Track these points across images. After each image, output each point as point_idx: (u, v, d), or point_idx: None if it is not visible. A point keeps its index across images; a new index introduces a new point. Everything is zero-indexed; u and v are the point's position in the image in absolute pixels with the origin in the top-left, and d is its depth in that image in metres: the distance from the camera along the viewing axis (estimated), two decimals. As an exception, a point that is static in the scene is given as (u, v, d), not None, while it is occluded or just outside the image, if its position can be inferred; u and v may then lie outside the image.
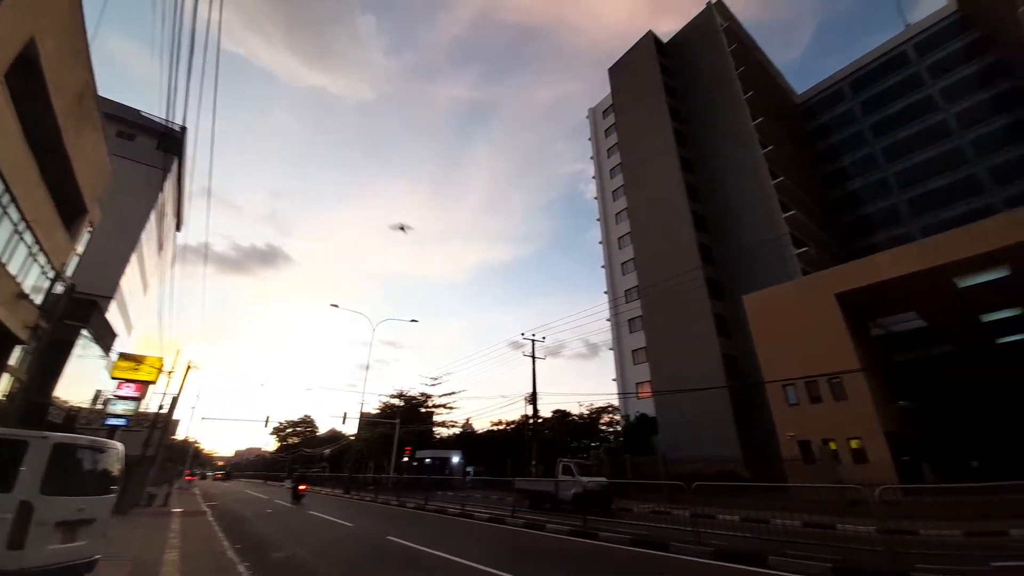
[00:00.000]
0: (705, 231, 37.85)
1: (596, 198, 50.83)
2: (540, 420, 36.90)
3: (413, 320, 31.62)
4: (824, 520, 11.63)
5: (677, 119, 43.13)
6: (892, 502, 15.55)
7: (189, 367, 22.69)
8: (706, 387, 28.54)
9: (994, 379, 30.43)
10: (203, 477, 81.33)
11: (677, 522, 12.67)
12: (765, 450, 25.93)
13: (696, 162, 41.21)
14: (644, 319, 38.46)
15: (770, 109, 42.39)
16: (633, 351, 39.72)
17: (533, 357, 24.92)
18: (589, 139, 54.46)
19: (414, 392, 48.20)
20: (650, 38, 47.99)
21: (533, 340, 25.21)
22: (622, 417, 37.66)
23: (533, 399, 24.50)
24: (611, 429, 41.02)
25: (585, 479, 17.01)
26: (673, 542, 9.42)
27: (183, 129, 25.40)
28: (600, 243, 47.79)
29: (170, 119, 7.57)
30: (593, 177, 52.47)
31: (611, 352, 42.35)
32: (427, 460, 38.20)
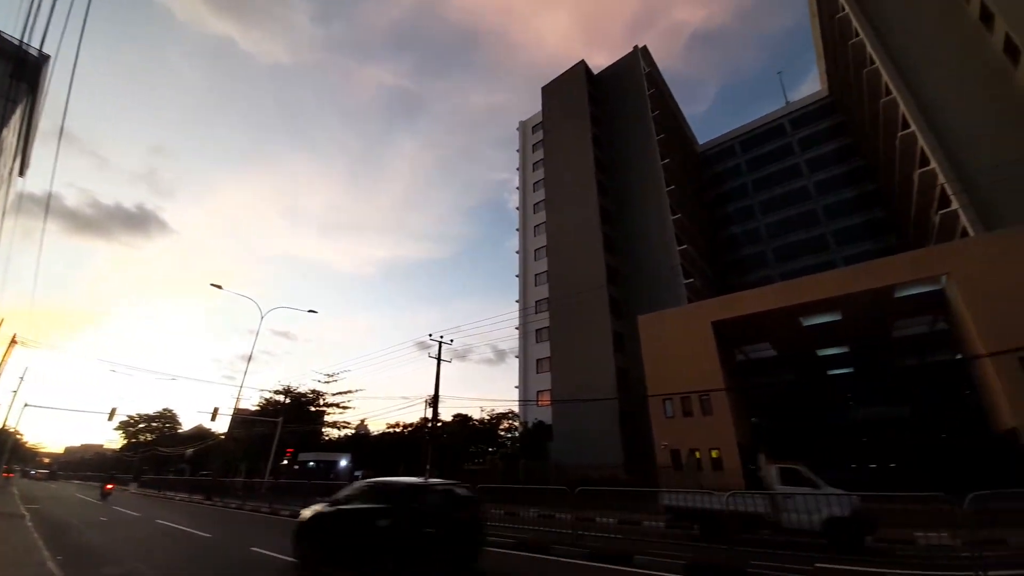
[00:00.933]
0: (613, 253, 40.83)
1: (518, 208, 52.06)
2: (440, 424, 36.40)
3: (311, 311, 29.20)
4: (685, 521, 13.04)
5: (598, 146, 46.16)
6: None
7: (14, 341, 18.37)
8: (599, 398, 30.57)
9: (822, 402, 36.90)
10: (25, 475, 67.33)
11: (561, 525, 13.25)
12: (644, 457, 28.43)
13: (611, 188, 44.43)
14: (551, 330, 40.09)
15: (676, 152, 47.39)
16: (538, 360, 41.11)
17: (439, 359, 24.53)
18: (517, 151, 55.80)
19: (304, 389, 44.53)
20: (582, 67, 50.86)
21: (440, 342, 24.84)
22: (521, 424, 38.64)
23: (434, 402, 24.06)
24: (509, 435, 41.85)
25: (840, 494, 10.09)
26: (555, 545, 9.81)
27: (43, 56, 20.87)
28: (517, 253, 48.95)
29: (27, 43, 6.16)
30: (517, 188, 53.73)
31: (517, 360, 43.39)
32: (310, 463, 35.49)
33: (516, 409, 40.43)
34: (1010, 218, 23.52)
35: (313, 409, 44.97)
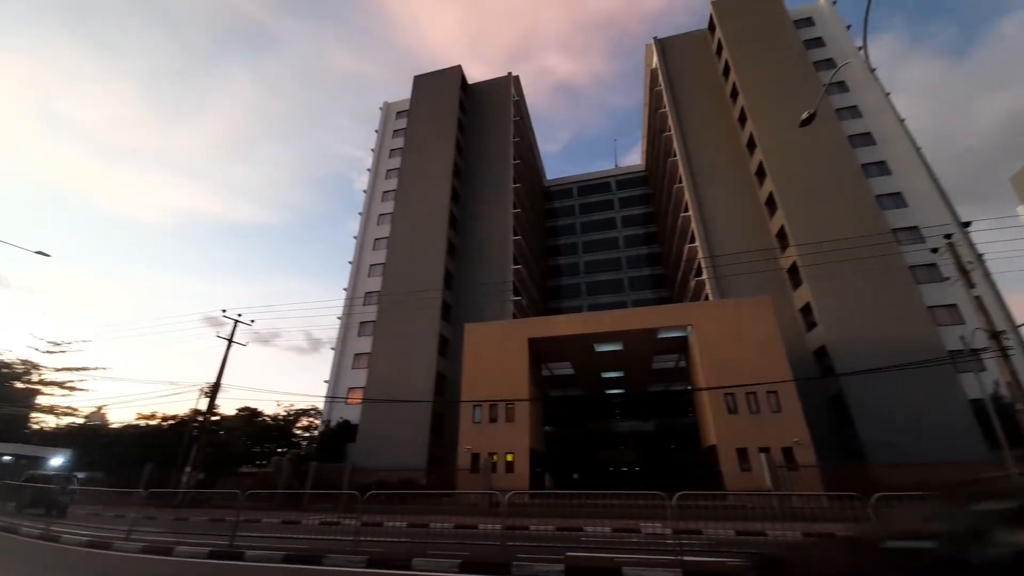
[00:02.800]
0: (453, 258, 41.60)
1: (365, 191, 48.70)
2: (218, 417, 30.61)
3: (41, 253, 21.06)
4: (471, 521, 13.72)
5: (459, 151, 46.93)
6: (521, 504, 20.09)
7: None
8: (416, 399, 30.31)
9: (600, 415, 44.02)
10: None
11: (345, 532, 12.42)
12: (447, 461, 29.19)
13: (463, 195, 45.48)
14: (376, 325, 38.22)
15: (526, 180, 51.55)
16: (356, 355, 38.57)
17: (229, 340, 20.68)
18: (376, 131, 52.47)
19: (8, 357, 32.12)
20: (459, 72, 51.31)
21: (236, 320, 21.04)
22: (323, 422, 35.40)
23: (214, 390, 20.07)
24: (307, 435, 37.83)
25: None
26: (332, 553, 9.08)
27: None
28: (355, 238, 45.55)
29: None
30: (368, 170, 50.33)
31: (332, 351, 39.89)
32: (4, 458, 25.85)
33: (321, 406, 36.95)
34: (734, 293, 32.58)
35: (21, 386, 32.77)
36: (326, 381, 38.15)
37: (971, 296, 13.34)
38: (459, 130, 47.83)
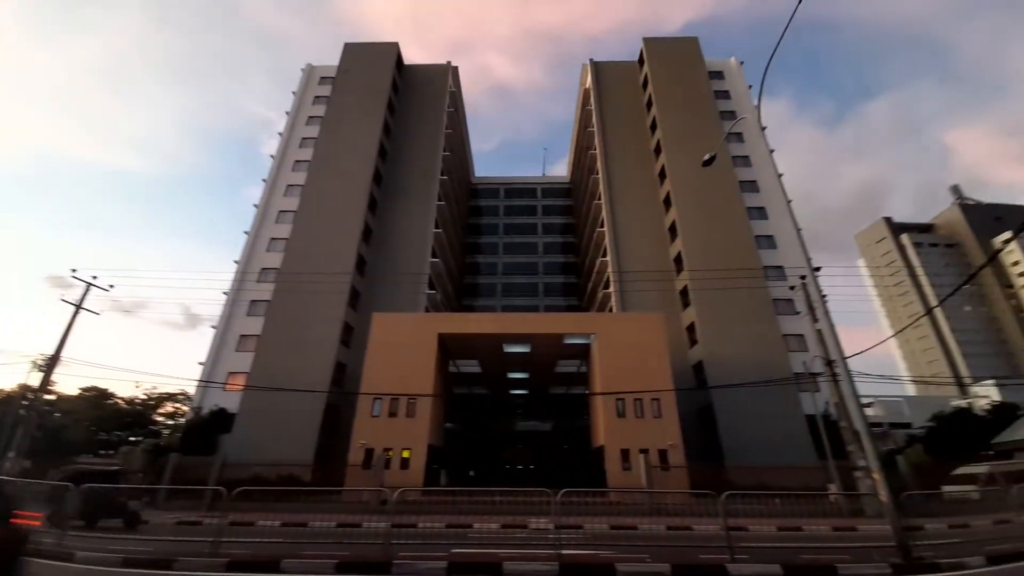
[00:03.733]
0: (367, 243, 39.52)
1: (273, 157, 44.18)
2: (54, 396, 25.57)
3: None
4: (356, 520, 13.08)
5: (386, 132, 44.81)
6: (413, 501, 19.66)
7: None
8: (309, 389, 28.07)
9: (501, 416, 44.77)
10: None
11: (206, 533, 11.08)
12: (338, 456, 27.57)
13: (385, 179, 43.45)
14: (271, 305, 34.83)
15: (454, 173, 50.93)
16: (242, 336, 34.70)
17: (78, 306, 17.33)
18: (294, 92, 47.88)
19: None
20: (395, 50, 49.02)
21: (89, 283, 17.72)
22: (192, 409, 31.29)
23: (51, 363, 16.63)
24: (173, 422, 33.14)
25: None
26: (186, 556, 8.03)
27: None
28: (256, 207, 41.06)
29: None
30: (280, 134, 45.75)
31: (213, 330, 35.43)
32: None
33: (193, 391, 32.62)
34: (635, 307, 35.36)
35: None
36: (201, 363, 33.80)
37: (814, 328, 16.06)
38: (389, 110, 45.70)
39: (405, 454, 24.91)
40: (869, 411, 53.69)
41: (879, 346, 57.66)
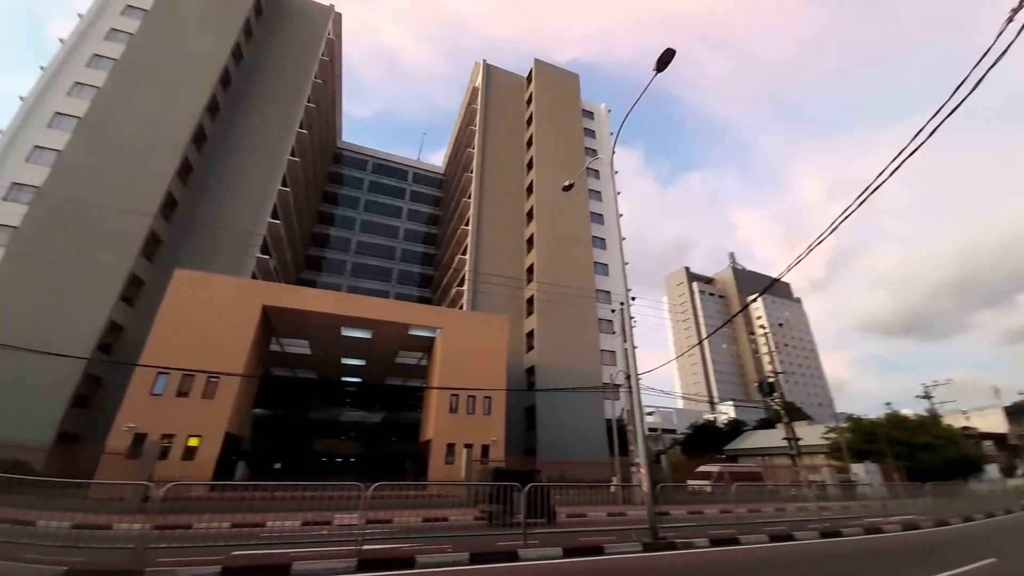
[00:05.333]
0: (185, 183, 32.38)
1: (62, 41, 32.85)
2: None
3: None
4: (105, 520, 10.37)
5: (236, 58, 37.70)
6: (194, 498, 16.50)
7: None
8: (59, 353, 21.25)
9: (326, 404, 41.32)
10: None
11: None
12: (92, 440, 21.62)
13: (223, 114, 36.28)
14: (17, 233, 25.65)
15: (318, 129, 45.53)
16: (-45, 269, 24.68)
17: None
18: (107, -30, 36.49)
19: None
20: (266, -32, 41.59)
21: None
22: None
23: None
24: None
25: None
26: None
27: None
28: (22, 99, 29.94)
29: None
30: (80, 16, 34.35)
31: (-103, 253, 24.31)
32: None
33: None
34: (484, 308, 36.63)
35: None
36: None
37: (623, 347, 19.03)
38: (245, 33, 38.53)
39: (193, 442, 20.89)
40: (650, 419, 66.03)
41: (664, 366, 71.46)
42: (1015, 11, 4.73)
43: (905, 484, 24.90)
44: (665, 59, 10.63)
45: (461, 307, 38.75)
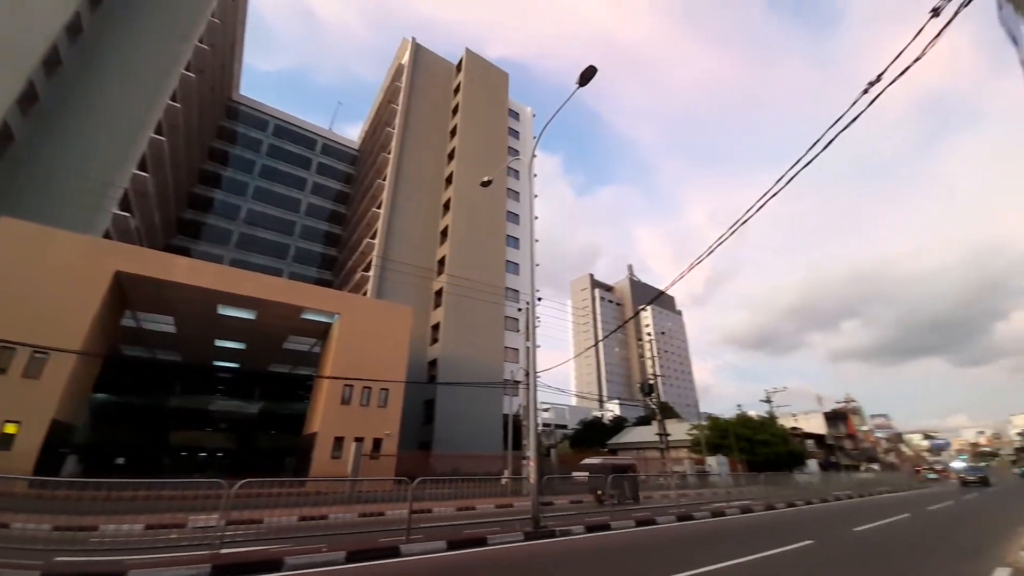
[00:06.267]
0: (25, 114, 25.95)
1: None
2: None
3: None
4: None
5: (107, -24, 31.19)
6: (9, 494, 13.35)
7: None
8: None
9: (191, 391, 36.28)
10: None
11: None
12: None
13: (89, 33, 29.81)
14: None
15: (210, 76, 39.74)
16: None
17: None
18: None
19: None
20: None
21: None
22: None
23: None
24: None
25: None
26: None
27: None
28: None
29: None
30: None
31: None
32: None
33: None
34: (389, 296, 35.13)
35: None
36: None
37: (525, 345, 19.63)
38: (122, -53, 32.09)
39: (10, 429, 16.94)
40: (545, 415, 69.33)
41: (561, 366, 75.62)
42: (871, 84, 5.76)
43: (746, 474, 29.41)
44: (587, 75, 11.16)
45: (365, 293, 36.75)
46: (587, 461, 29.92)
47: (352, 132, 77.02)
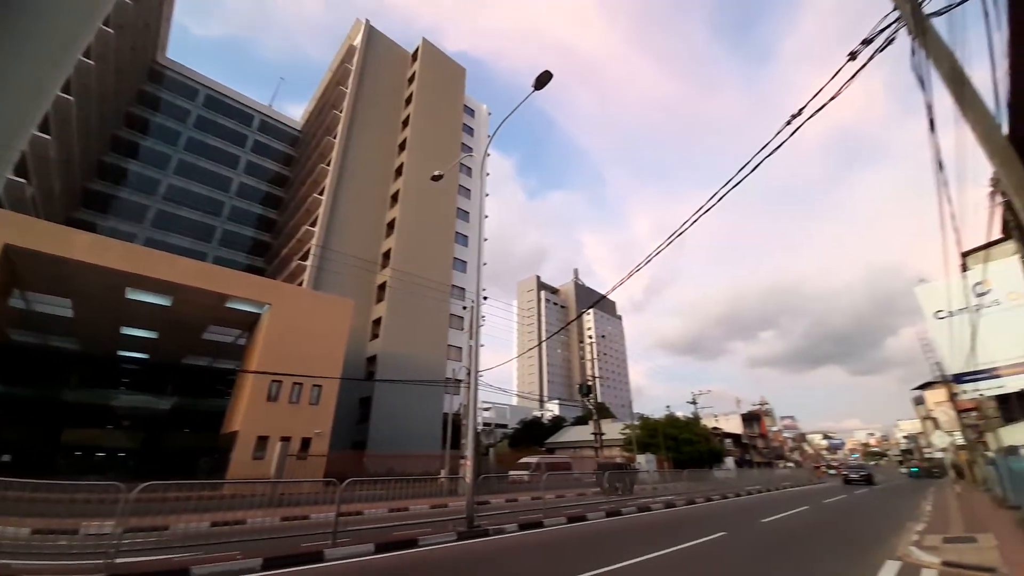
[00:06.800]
0: None
1: None
2: None
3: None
4: None
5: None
6: None
7: None
8: None
9: (91, 384, 32.35)
10: None
11: None
12: None
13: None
14: None
15: (132, 33, 35.65)
16: None
17: None
18: None
19: None
20: None
21: None
22: None
23: None
24: None
25: None
26: None
27: None
28: None
29: None
30: None
31: None
32: None
33: None
34: (328, 288, 33.43)
35: None
36: None
37: (469, 344, 19.47)
38: None
39: None
40: (486, 414, 69.41)
41: (504, 365, 76.19)
42: (793, 116, 6.29)
43: (671, 471, 31.28)
44: (543, 79, 11.30)
45: (301, 283, 34.71)
46: (524, 460, 30.34)
47: (295, 112, 72.84)
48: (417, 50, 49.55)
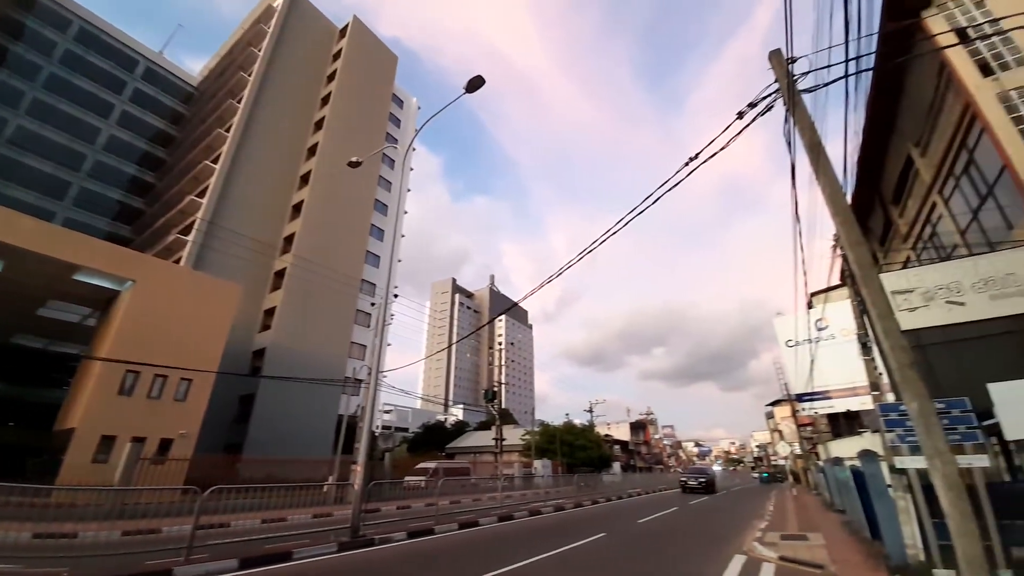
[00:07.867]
0: None
1: None
2: None
3: None
4: None
5: None
6: None
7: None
8: None
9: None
10: None
11: None
12: None
13: None
14: None
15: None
16: None
17: None
18: None
19: None
20: None
21: None
22: None
23: None
24: None
25: None
26: None
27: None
28: None
29: None
30: None
31: None
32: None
33: None
34: (211, 269, 29.59)
35: None
36: None
37: (373, 342, 18.52)
38: None
39: None
40: (387, 416, 66.65)
41: (410, 366, 74.13)
42: (691, 159, 6.99)
43: (564, 475, 32.75)
44: (476, 83, 11.25)
45: (179, 260, 30.30)
46: (422, 465, 29.60)
47: (193, 66, 63.64)
48: (347, 27, 46.65)
